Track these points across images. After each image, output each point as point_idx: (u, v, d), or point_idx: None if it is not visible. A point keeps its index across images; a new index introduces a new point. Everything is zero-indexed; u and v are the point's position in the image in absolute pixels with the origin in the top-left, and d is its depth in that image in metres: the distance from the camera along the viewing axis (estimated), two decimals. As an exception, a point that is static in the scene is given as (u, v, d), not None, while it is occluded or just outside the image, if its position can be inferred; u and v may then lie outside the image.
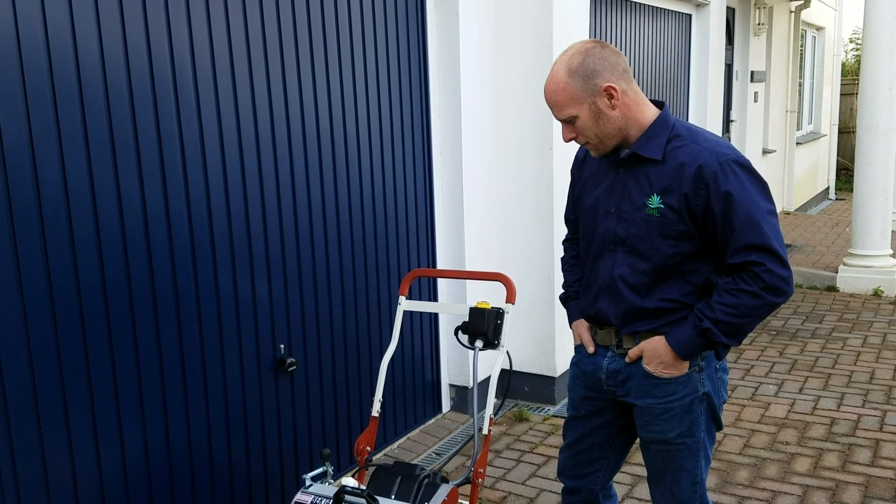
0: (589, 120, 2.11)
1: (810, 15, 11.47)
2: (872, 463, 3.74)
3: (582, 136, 2.16)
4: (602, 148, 2.18)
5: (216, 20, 2.93)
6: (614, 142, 2.16)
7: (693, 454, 2.25)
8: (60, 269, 2.50)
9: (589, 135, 2.14)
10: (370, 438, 2.85)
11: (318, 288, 3.49)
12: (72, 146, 2.49)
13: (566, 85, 2.08)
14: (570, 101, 2.09)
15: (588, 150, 2.24)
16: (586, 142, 2.17)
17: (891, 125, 6.69)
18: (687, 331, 2.13)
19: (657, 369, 2.19)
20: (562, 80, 2.09)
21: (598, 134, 2.14)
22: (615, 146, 2.18)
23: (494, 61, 4.32)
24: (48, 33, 2.41)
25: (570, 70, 2.08)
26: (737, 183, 2.03)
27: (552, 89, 2.12)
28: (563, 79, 2.09)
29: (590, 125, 2.12)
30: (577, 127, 2.14)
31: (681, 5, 6.65)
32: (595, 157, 2.25)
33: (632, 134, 2.14)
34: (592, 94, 2.08)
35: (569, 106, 2.10)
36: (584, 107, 2.09)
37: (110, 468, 2.71)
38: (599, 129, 2.13)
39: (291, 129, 3.29)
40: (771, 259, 2.02)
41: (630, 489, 3.52)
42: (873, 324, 5.99)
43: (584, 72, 2.07)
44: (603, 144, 2.16)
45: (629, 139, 2.15)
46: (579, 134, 2.15)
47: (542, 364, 4.50)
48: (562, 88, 2.09)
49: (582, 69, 2.07)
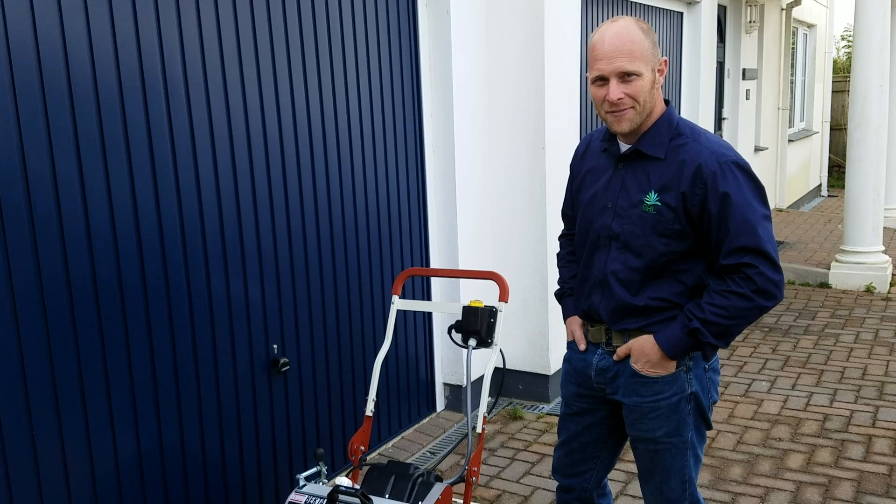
0: (648, 84, 2.06)
1: (802, 12, 11.50)
2: (865, 458, 3.76)
3: (629, 99, 2.05)
4: (636, 120, 2.09)
5: (206, 18, 2.92)
6: (641, 120, 2.10)
7: (681, 453, 2.25)
8: (51, 269, 2.49)
9: (640, 98, 2.05)
10: (364, 438, 2.85)
11: (311, 288, 3.48)
12: (61, 146, 2.48)
13: (641, 41, 2.02)
14: (642, 55, 2.02)
15: (616, 122, 2.10)
16: (632, 106, 2.06)
17: (882, 122, 6.72)
18: (675, 330, 2.13)
19: (644, 368, 2.19)
20: (637, 35, 2.02)
21: (646, 102, 2.07)
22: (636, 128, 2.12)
23: (486, 60, 4.32)
24: (37, 32, 2.39)
25: (644, 30, 2.04)
26: (735, 184, 2.03)
27: (626, 38, 2.01)
28: (639, 35, 2.02)
29: (647, 90, 2.06)
30: (633, 86, 2.04)
31: (672, 3, 6.66)
32: (619, 130, 2.12)
33: (647, 121, 2.12)
34: (655, 61, 2.07)
35: (639, 59, 2.02)
36: (649, 69, 2.05)
37: (103, 469, 2.70)
38: (650, 98, 2.08)
39: (283, 128, 3.28)
40: (763, 262, 2.02)
41: (624, 486, 3.53)
42: (865, 320, 6.02)
43: (653, 38, 2.06)
44: (640, 116, 2.09)
45: (643, 125, 2.13)
46: (630, 96, 2.05)
47: (536, 362, 4.50)
48: (638, 41, 2.02)
49: (651, 35, 2.06)
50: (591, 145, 2.38)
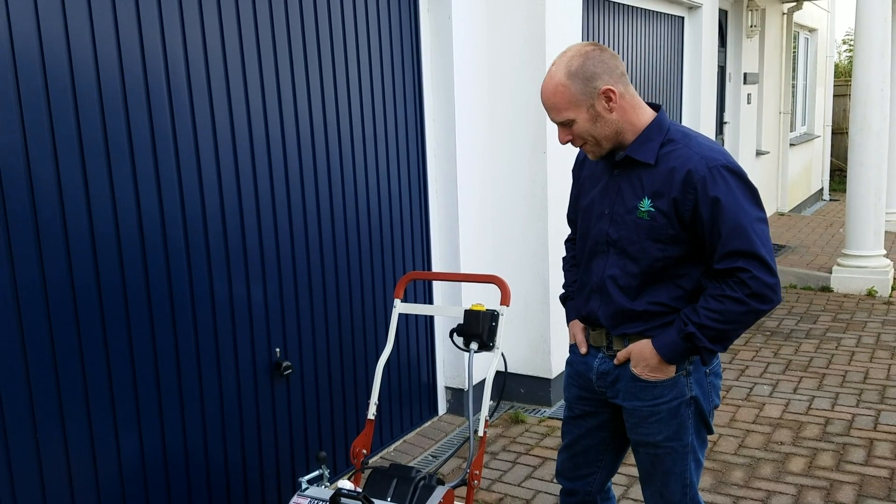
0: (587, 123, 2.11)
1: (803, 16, 11.51)
2: (866, 462, 3.75)
3: (578, 139, 2.16)
4: (599, 150, 2.18)
5: (209, 23, 2.93)
6: (610, 144, 2.16)
7: (681, 458, 2.25)
8: (55, 273, 2.50)
9: (586, 137, 2.14)
10: (366, 441, 2.85)
11: (314, 291, 3.49)
12: (66, 150, 2.50)
13: (565, 88, 2.08)
14: (568, 104, 2.09)
15: (587, 152, 2.23)
16: (583, 143, 2.17)
17: (883, 126, 6.72)
18: (672, 335, 2.14)
19: (643, 372, 2.20)
20: (561, 82, 2.08)
21: (595, 136, 2.14)
22: (612, 148, 2.18)
23: (488, 65, 4.33)
24: (41, 36, 2.41)
25: (570, 72, 2.07)
26: (725, 189, 2.03)
27: (550, 91, 2.10)
28: (563, 81, 2.08)
29: (587, 128, 2.12)
30: (573, 130, 2.13)
31: (673, 8, 6.67)
32: (592, 159, 2.26)
33: (627, 137, 2.15)
34: (591, 96, 2.08)
35: (567, 109, 2.10)
36: (583, 110, 2.09)
37: (106, 472, 2.70)
38: (596, 132, 2.13)
39: (286, 132, 3.30)
40: (757, 266, 2.01)
41: (626, 490, 3.53)
42: (867, 324, 6.02)
43: (584, 74, 2.06)
44: (599, 147, 2.17)
45: (624, 142, 2.16)
46: (576, 137, 2.15)
47: (538, 366, 4.50)
48: (561, 91, 2.08)
49: (582, 72, 2.06)
50: None
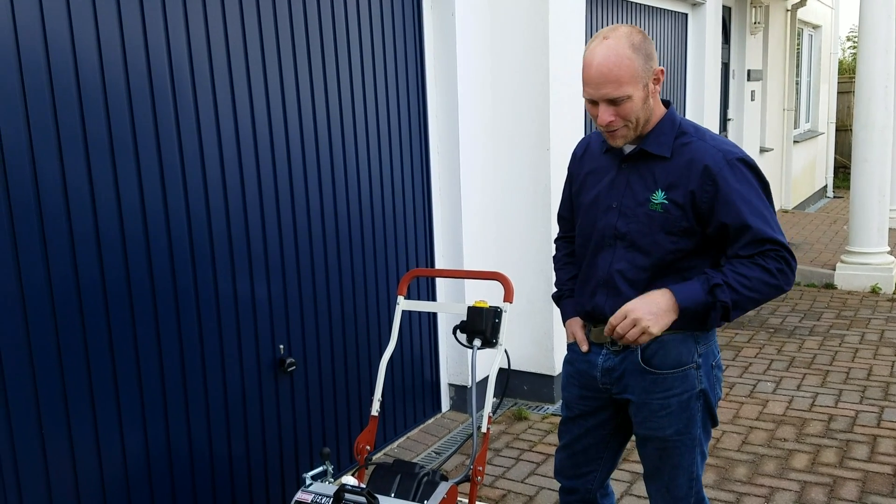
0: (640, 102, 2.05)
1: (807, 13, 11.48)
2: (870, 459, 3.76)
3: (620, 121, 2.06)
4: (628, 137, 2.11)
5: (213, 22, 2.94)
6: (639, 132, 2.12)
7: (689, 451, 2.26)
8: (60, 270, 2.51)
9: (631, 119, 2.06)
10: (370, 437, 2.86)
11: (317, 288, 3.50)
12: (71, 148, 2.51)
13: (630, 61, 1.99)
14: (632, 77, 2.00)
15: (611, 138, 2.13)
16: (624, 125, 2.08)
17: (887, 123, 6.71)
18: (693, 284, 2.07)
19: (641, 314, 2.02)
20: (627, 55, 1.99)
21: (638, 119, 2.07)
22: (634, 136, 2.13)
23: (491, 61, 4.33)
24: (46, 34, 2.42)
25: (634, 46, 2.01)
26: (744, 180, 2.06)
27: (613, 62, 1.99)
28: (629, 54, 1.99)
29: (638, 108, 2.05)
30: (623, 108, 2.04)
31: (677, 4, 6.66)
32: (614, 145, 2.16)
33: (647, 127, 2.13)
34: (648, 75, 2.04)
35: (629, 83, 2.01)
36: (640, 87, 2.03)
37: (111, 468, 2.72)
38: (642, 115, 2.07)
39: (289, 130, 3.30)
40: (784, 251, 2.05)
41: (629, 486, 3.54)
42: (871, 321, 6.01)
43: (646, 50, 2.03)
44: (635, 131, 2.10)
45: (644, 132, 2.13)
46: (620, 118, 2.06)
47: (541, 363, 4.51)
48: (626, 64, 1.99)
49: (644, 47, 2.02)
50: (590, 147, 2.38)
